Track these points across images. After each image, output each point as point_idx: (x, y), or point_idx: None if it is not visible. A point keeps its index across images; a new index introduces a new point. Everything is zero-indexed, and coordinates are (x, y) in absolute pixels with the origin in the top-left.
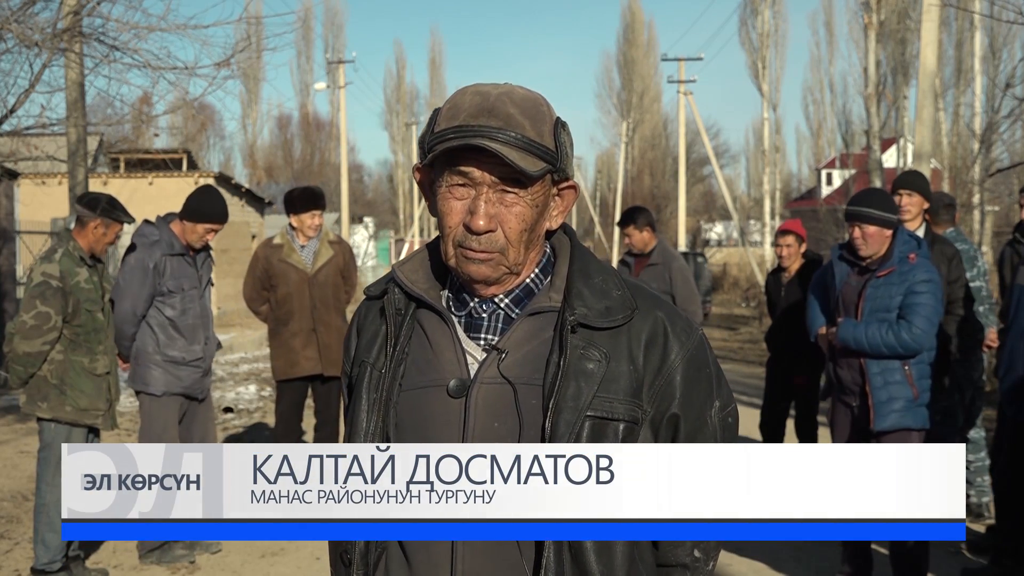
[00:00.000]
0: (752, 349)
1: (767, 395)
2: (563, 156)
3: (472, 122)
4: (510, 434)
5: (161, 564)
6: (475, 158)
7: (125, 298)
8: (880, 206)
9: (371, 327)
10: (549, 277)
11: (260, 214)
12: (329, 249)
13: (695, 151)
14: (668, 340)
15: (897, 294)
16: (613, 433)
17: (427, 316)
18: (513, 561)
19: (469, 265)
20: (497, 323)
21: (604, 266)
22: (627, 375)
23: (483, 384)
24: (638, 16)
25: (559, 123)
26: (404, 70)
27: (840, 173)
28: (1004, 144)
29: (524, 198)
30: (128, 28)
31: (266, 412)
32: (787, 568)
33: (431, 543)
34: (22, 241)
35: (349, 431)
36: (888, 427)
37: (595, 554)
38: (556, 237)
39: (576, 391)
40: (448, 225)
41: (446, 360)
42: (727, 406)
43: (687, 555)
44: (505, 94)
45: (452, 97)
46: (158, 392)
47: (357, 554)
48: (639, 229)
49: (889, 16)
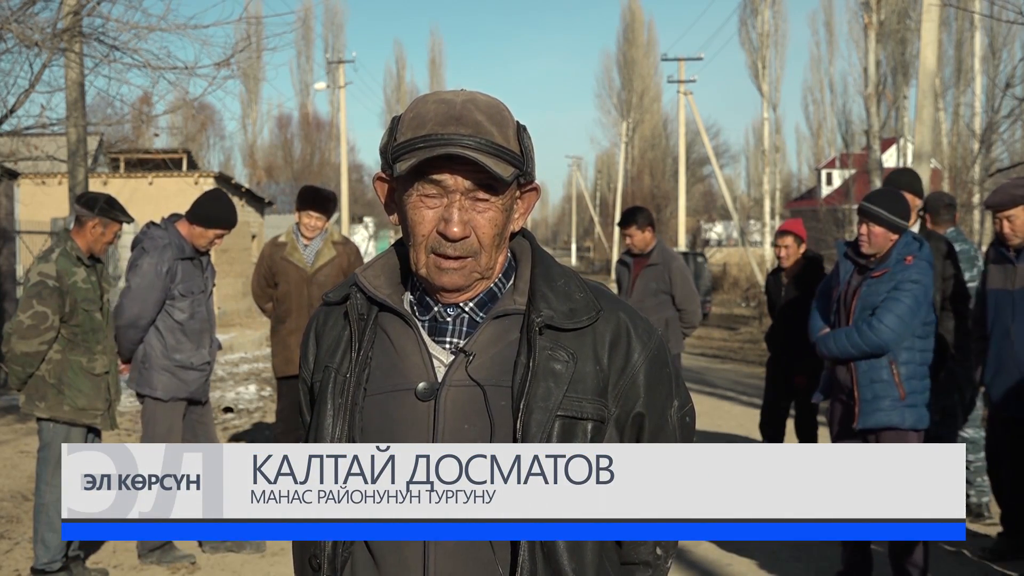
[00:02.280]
0: (752, 349)
1: (767, 395)
2: (528, 160)
3: (441, 131)
4: (480, 436)
5: (161, 564)
6: (447, 166)
7: (135, 303)
8: (892, 209)
9: (332, 333)
10: (511, 280)
11: (260, 214)
12: (332, 249)
13: (695, 151)
14: (631, 341)
15: (884, 292)
16: (582, 432)
17: (390, 321)
18: (486, 561)
19: (443, 276)
20: (462, 327)
21: (565, 269)
22: (593, 375)
23: (452, 387)
24: (638, 16)
25: (520, 127)
26: (404, 70)
27: (840, 173)
28: (1004, 144)
29: (496, 203)
30: (128, 28)
31: (266, 412)
32: (787, 568)
33: (402, 544)
34: (22, 241)
35: (314, 437)
36: (871, 425)
37: (567, 553)
38: (516, 241)
39: (546, 391)
40: (421, 234)
41: (412, 364)
42: (685, 405)
43: (649, 553)
44: (469, 101)
45: (413, 106)
46: (164, 397)
47: (325, 558)
48: (640, 229)
49: (889, 16)
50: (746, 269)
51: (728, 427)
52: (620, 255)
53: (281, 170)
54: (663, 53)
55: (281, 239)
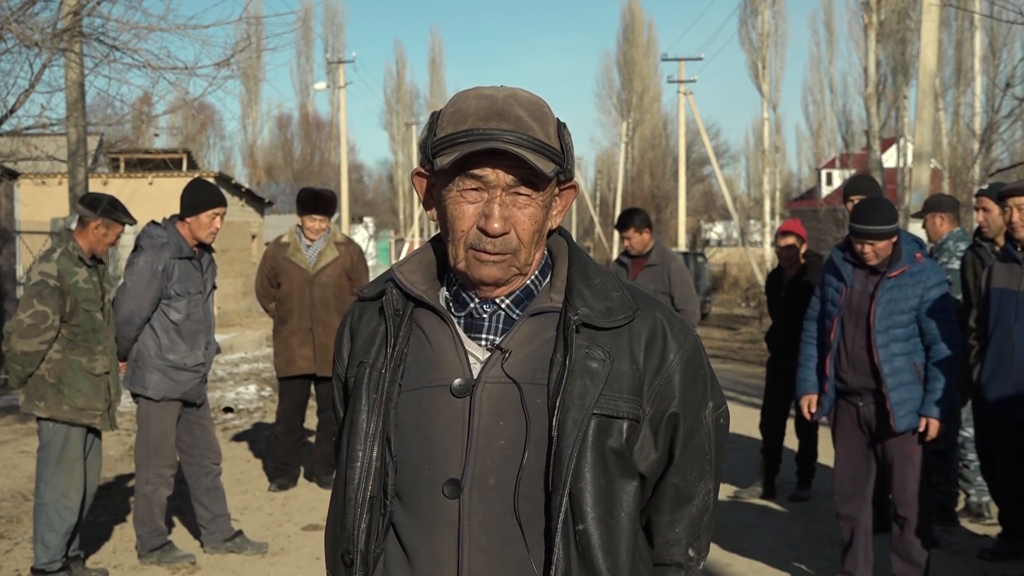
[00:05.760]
0: (752, 349)
1: (767, 395)
2: (568, 157)
3: (483, 125)
4: (516, 433)
5: (161, 564)
6: (489, 161)
7: (130, 300)
8: (884, 220)
9: (367, 328)
10: (548, 278)
11: (260, 214)
12: (334, 250)
13: (695, 151)
14: (667, 341)
15: (913, 296)
16: (617, 431)
17: (426, 317)
18: (520, 558)
19: (482, 268)
20: (498, 323)
21: (601, 268)
22: (629, 374)
23: (487, 383)
24: (638, 16)
25: (561, 124)
26: (404, 70)
27: (840, 173)
28: (1004, 144)
29: (536, 199)
30: (128, 28)
31: (266, 412)
32: (787, 568)
33: (436, 540)
34: (22, 241)
35: (348, 432)
36: (907, 427)
37: (602, 552)
38: (552, 239)
39: (582, 389)
40: (460, 229)
41: (448, 360)
42: (719, 407)
43: (682, 554)
44: (511, 97)
45: (454, 101)
46: (156, 397)
47: (358, 553)
48: (638, 231)
49: (889, 16)
50: (746, 269)
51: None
52: (618, 255)
53: (281, 170)
54: (663, 53)
55: (284, 239)
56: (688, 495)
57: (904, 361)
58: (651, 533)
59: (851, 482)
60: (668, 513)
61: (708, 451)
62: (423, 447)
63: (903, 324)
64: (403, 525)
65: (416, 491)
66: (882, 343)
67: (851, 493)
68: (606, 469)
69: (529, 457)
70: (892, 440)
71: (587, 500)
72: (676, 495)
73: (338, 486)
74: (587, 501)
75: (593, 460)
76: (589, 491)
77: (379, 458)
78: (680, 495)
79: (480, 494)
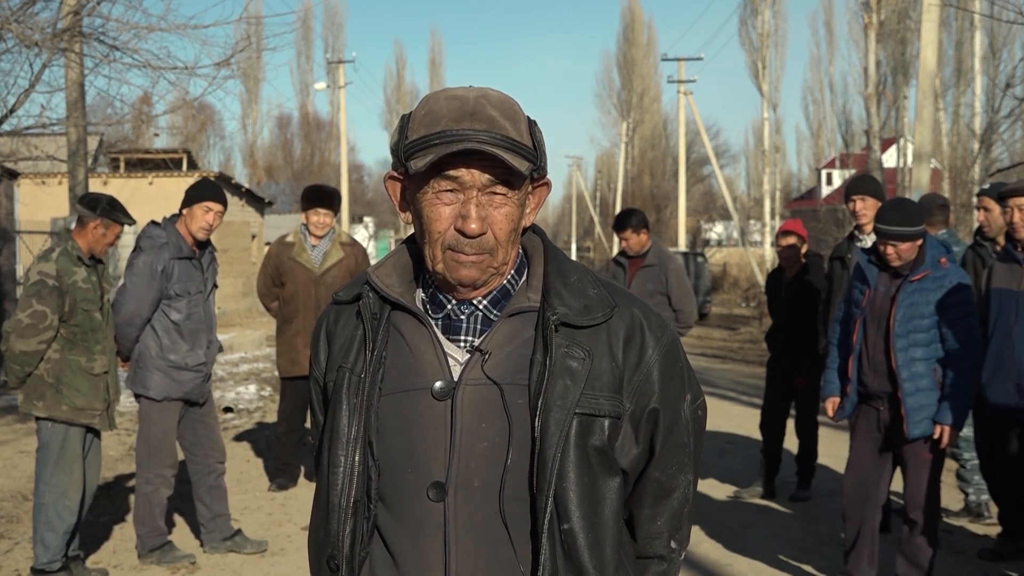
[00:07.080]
0: (752, 349)
1: (767, 395)
2: (541, 154)
3: (456, 127)
4: (499, 434)
5: (161, 564)
6: (464, 162)
7: (130, 301)
8: (910, 222)
9: (344, 332)
10: (524, 277)
11: (260, 214)
12: (340, 251)
13: (695, 151)
14: (645, 337)
15: (934, 300)
16: (600, 429)
17: (403, 319)
18: (507, 559)
19: (460, 269)
20: (476, 324)
21: (578, 265)
22: (609, 372)
23: (468, 385)
24: (638, 16)
25: (532, 122)
26: (404, 70)
27: (840, 173)
28: (1004, 144)
29: (512, 198)
30: (128, 28)
31: (266, 412)
32: (787, 568)
33: (422, 543)
34: (22, 241)
35: (329, 437)
36: (920, 434)
37: (588, 551)
38: (527, 237)
39: (563, 389)
40: (437, 231)
41: (427, 363)
42: (697, 399)
43: (664, 547)
44: (482, 96)
45: (424, 103)
46: (158, 397)
47: (343, 558)
48: (635, 232)
49: (889, 16)
50: (746, 269)
51: (728, 427)
52: (615, 256)
53: (281, 170)
54: (663, 53)
55: (288, 239)
56: (669, 488)
57: (924, 367)
58: (633, 526)
59: (862, 486)
60: (650, 507)
61: (687, 444)
62: (405, 451)
63: (924, 329)
64: (388, 529)
65: (400, 495)
66: (901, 347)
67: (861, 498)
68: (589, 468)
69: (513, 458)
70: (907, 445)
71: (572, 499)
72: (657, 489)
73: (320, 491)
74: (572, 500)
75: (576, 459)
76: (573, 490)
77: (361, 462)
78: (661, 488)
79: (465, 496)
